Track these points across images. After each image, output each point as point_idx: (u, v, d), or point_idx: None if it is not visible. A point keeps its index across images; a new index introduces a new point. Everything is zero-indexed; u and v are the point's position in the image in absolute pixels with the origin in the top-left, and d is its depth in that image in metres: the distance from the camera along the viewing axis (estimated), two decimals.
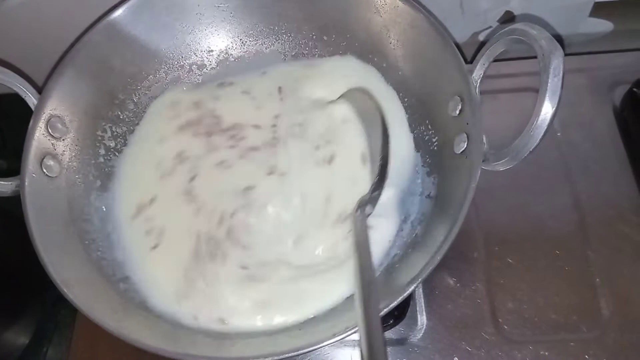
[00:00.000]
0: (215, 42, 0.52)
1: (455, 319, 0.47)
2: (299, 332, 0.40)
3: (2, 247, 0.48)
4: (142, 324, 0.39)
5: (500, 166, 0.38)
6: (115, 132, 0.49)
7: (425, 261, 0.36)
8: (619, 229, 0.49)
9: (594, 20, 0.58)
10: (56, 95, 0.44)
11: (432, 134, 0.46)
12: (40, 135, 0.43)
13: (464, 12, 0.57)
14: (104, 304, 0.39)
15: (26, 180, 0.41)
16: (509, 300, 0.47)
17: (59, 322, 0.53)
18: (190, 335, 0.39)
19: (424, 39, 0.44)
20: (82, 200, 0.45)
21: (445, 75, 0.43)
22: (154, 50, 0.50)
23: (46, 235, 0.40)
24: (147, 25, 0.48)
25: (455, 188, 0.39)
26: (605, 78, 0.56)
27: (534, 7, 0.57)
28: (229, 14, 0.51)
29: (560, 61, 0.34)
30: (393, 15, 0.46)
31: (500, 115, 0.52)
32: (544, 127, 0.34)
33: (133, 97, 0.50)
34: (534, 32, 0.36)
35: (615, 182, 0.51)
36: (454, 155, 0.41)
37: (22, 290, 0.53)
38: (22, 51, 0.55)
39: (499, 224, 0.50)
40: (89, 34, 0.46)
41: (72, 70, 0.45)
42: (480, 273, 0.48)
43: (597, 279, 0.47)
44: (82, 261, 0.42)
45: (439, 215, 0.41)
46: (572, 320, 0.46)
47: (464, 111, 0.41)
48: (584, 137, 0.53)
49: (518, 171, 0.38)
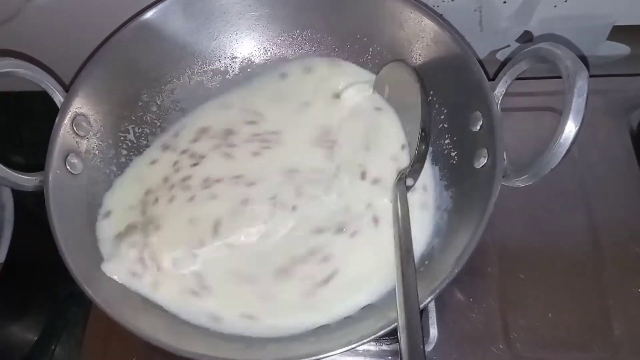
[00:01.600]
0: (239, 49, 0.53)
1: (466, 333, 0.47)
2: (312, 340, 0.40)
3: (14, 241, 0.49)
4: (159, 323, 0.39)
5: (521, 182, 0.38)
6: (137, 132, 0.50)
7: (444, 275, 0.36)
8: (633, 250, 0.49)
9: (612, 43, 0.59)
10: (82, 94, 0.45)
11: (451, 148, 0.46)
12: (65, 133, 0.44)
13: (482, 29, 0.58)
14: (122, 301, 0.39)
15: (50, 176, 0.41)
16: (521, 317, 0.47)
17: (68, 320, 0.53)
18: (206, 337, 0.40)
19: (447, 54, 0.45)
20: (102, 199, 0.46)
21: (466, 90, 0.43)
22: (179, 54, 0.51)
23: (67, 231, 0.40)
24: (174, 29, 0.49)
25: (474, 203, 0.40)
26: (622, 101, 0.56)
27: (553, 28, 0.57)
28: (254, 22, 0.52)
29: (585, 82, 0.34)
30: (416, 30, 0.47)
31: (518, 133, 0.52)
32: (566, 145, 0.35)
33: (157, 100, 0.51)
34: (559, 52, 0.36)
35: (630, 204, 0.51)
36: (474, 170, 0.42)
37: (32, 286, 0.54)
38: (50, 49, 0.56)
39: (514, 241, 0.50)
40: (118, 35, 0.46)
41: (100, 69, 0.46)
42: (494, 289, 0.48)
43: (610, 300, 0.47)
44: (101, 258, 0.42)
45: (457, 230, 0.41)
46: (584, 339, 0.46)
47: (485, 127, 0.41)
48: (600, 159, 0.53)
49: (534, 189, 0.39)
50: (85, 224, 0.43)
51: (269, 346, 0.39)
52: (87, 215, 0.44)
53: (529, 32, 0.58)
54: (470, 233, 0.37)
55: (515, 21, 0.56)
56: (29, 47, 0.56)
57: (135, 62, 0.48)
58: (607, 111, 0.55)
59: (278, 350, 0.38)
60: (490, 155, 0.40)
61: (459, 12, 0.55)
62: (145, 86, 0.50)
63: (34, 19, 0.54)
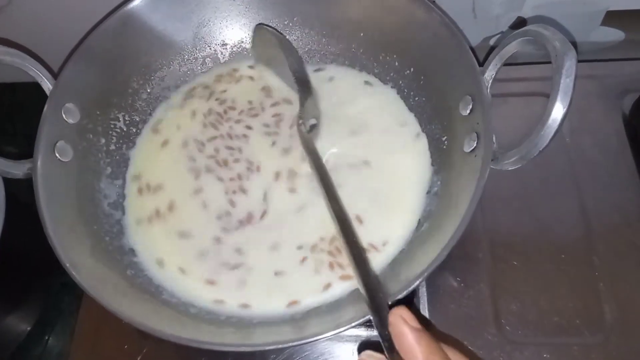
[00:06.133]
0: (230, 35, 0.53)
1: (458, 319, 0.47)
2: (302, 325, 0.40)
3: (6, 232, 0.48)
4: (148, 309, 0.39)
5: (510, 165, 0.38)
6: (127, 120, 0.50)
7: (432, 257, 0.36)
8: (625, 235, 0.49)
9: (606, 29, 0.59)
10: (71, 81, 0.44)
11: (441, 133, 0.46)
12: (54, 120, 0.43)
13: (476, 16, 0.57)
14: (111, 289, 0.39)
15: (39, 163, 0.41)
16: (512, 302, 0.47)
17: (62, 310, 0.53)
18: (195, 323, 0.40)
19: (437, 39, 0.45)
20: (92, 186, 0.46)
21: (457, 74, 0.43)
22: (169, 41, 0.50)
23: (56, 218, 0.40)
24: (163, 16, 0.49)
25: (464, 186, 0.40)
26: (615, 85, 0.56)
27: (546, 13, 0.57)
28: (244, 8, 0.51)
29: (573, 62, 0.34)
30: (407, 15, 0.46)
31: (509, 119, 0.52)
32: (554, 127, 0.34)
33: (146, 87, 0.51)
34: (548, 33, 0.36)
35: (622, 189, 0.51)
36: (464, 154, 0.41)
37: (25, 277, 0.54)
38: (39, 37, 0.56)
39: (505, 226, 0.50)
40: (106, 22, 0.46)
41: (88, 57, 0.45)
42: (485, 274, 0.48)
43: (601, 284, 0.47)
44: (90, 246, 0.42)
45: (446, 213, 0.41)
46: (575, 324, 0.46)
47: (475, 111, 0.41)
48: (592, 144, 0.53)
49: (525, 174, 0.39)
50: (75, 211, 0.43)
51: (258, 330, 0.39)
52: (77, 203, 0.43)
53: (523, 18, 0.58)
54: (460, 216, 0.37)
55: (509, 7, 0.56)
56: (18, 35, 0.56)
57: (123, 50, 0.48)
58: (599, 96, 0.55)
59: (267, 335, 0.38)
60: (480, 139, 0.40)
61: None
62: (134, 74, 0.50)
63: (24, 8, 0.54)
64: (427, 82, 0.48)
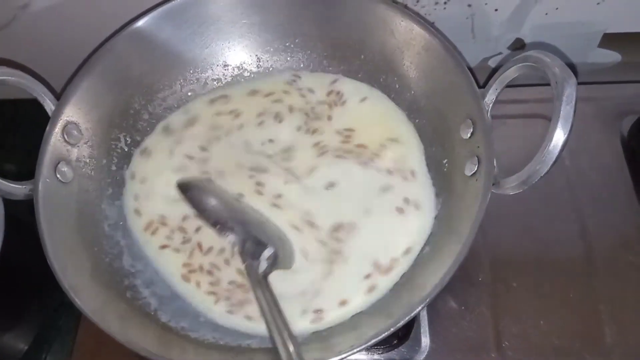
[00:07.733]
0: (232, 57, 0.53)
1: (458, 341, 0.46)
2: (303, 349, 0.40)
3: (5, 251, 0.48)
4: (148, 333, 0.39)
5: (511, 190, 0.38)
6: (128, 140, 0.50)
7: (434, 281, 0.36)
8: (624, 256, 0.49)
9: (603, 51, 0.60)
10: (73, 102, 0.45)
11: (442, 155, 0.46)
12: (55, 141, 0.43)
13: (474, 37, 0.58)
14: (110, 311, 0.39)
15: (40, 185, 0.41)
16: (513, 324, 0.47)
17: (60, 329, 0.52)
18: (197, 347, 0.39)
19: (438, 62, 0.45)
20: (93, 207, 0.46)
21: (457, 98, 0.43)
22: (171, 62, 0.51)
23: (56, 240, 0.40)
24: (167, 37, 0.49)
25: (465, 210, 0.40)
26: (613, 108, 0.56)
27: (544, 35, 0.58)
28: (246, 30, 0.52)
29: (573, 89, 0.34)
30: (407, 38, 0.47)
31: (508, 140, 0.52)
32: (555, 153, 0.35)
33: (148, 108, 0.51)
34: (548, 59, 0.36)
35: (621, 211, 0.51)
36: (465, 178, 0.42)
37: (23, 294, 0.53)
38: (42, 57, 0.56)
39: (505, 248, 0.50)
40: (110, 43, 0.46)
41: (91, 77, 0.46)
42: (485, 296, 0.48)
43: (601, 306, 0.47)
44: (90, 267, 0.42)
45: (447, 237, 0.41)
46: (576, 346, 0.46)
47: (476, 134, 0.41)
48: (591, 166, 0.53)
49: (525, 196, 0.39)
50: (75, 233, 0.43)
51: (258, 356, 0.39)
52: (78, 224, 0.43)
53: (521, 40, 0.59)
54: (461, 240, 0.37)
55: (507, 29, 0.57)
56: (21, 55, 0.57)
57: (126, 71, 0.48)
58: (597, 118, 0.56)
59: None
60: (481, 163, 0.40)
61: (451, 20, 0.55)
62: (136, 94, 0.50)
63: (28, 27, 0.55)
64: (428, 104, 0.48)
